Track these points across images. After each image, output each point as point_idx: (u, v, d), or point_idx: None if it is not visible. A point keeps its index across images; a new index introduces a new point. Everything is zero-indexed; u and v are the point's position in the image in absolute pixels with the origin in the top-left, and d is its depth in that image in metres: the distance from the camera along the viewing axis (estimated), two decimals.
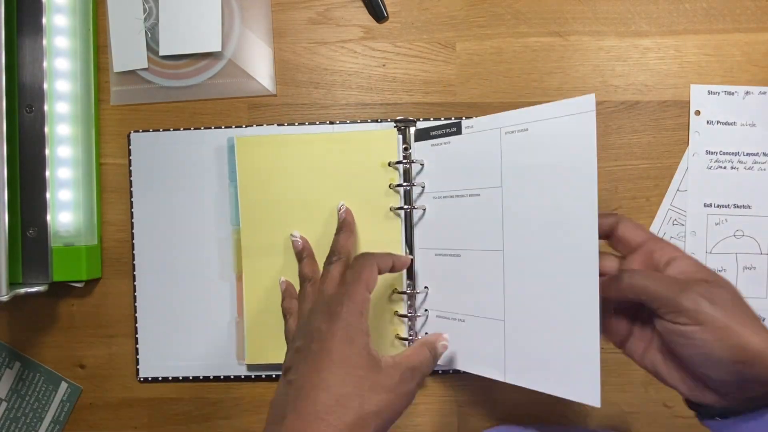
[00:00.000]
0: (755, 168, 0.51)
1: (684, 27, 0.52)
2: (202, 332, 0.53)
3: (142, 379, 0.53)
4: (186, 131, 0.53)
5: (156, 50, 0.53)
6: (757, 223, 0.51)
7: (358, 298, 0.39)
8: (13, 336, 0.54)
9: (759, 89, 0.51)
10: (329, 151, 0.50)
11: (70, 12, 0.51)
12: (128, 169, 0.54)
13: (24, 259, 0.49)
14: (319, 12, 0.53)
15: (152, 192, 0.53)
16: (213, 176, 0.53)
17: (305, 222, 0.51)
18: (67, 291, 0.53)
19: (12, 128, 0.48)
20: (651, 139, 0.52)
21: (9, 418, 0.54)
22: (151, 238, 0.53)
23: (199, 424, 0.53)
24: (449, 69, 0.53)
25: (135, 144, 0.54)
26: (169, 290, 0.53)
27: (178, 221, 0.53)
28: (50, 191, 0.49)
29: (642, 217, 0.52)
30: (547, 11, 0.52)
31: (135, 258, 0.53)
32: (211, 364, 0.53)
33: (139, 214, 0.53)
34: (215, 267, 0.53)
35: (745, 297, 0.35)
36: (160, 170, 0.53)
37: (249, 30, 0.53)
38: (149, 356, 0.53)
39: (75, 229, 0.51)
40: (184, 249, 0.53)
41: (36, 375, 0.54)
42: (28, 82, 0.48)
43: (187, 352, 0.53)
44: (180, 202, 0.53)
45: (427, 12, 0.53)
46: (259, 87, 0.53)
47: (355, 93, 0.53)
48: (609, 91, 0.52)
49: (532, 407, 0.51)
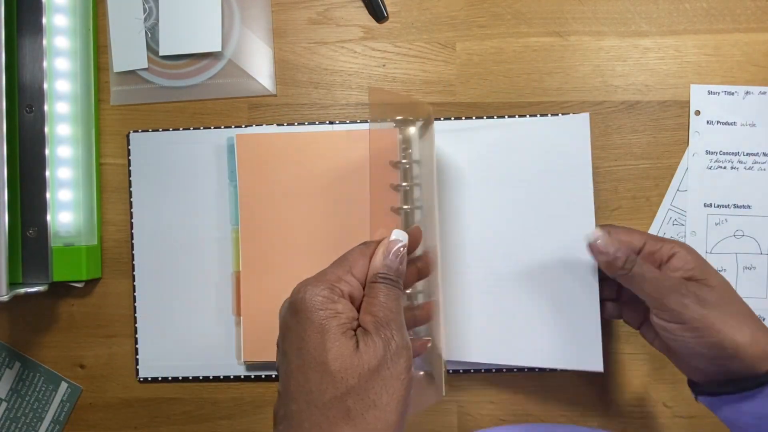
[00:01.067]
0: (755, 168, 0.51)
1: (684, 27, 0.52)
2: (201, 332, 0.53)
3: (141, 379, 0.53)
4: (186, 131, 0.53)
5: (156, 50, 0.53)
6: (757, 223, 0.51)
7: (328, 278, 0.34)
8: (13, 336, 0.54)
9: (759, 89, 0.51)
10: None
11: (70, 12, 0.51)
12: (128, 169, 0.54)
13: (24, 259, 0.49)
14: (319, 12, 0.53)
15: (152, 192, 0.53)
16: (213, 176, 0.53)
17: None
18: (67, 291, 0.53)
19: (12, 128, 0.48)
20: (651, 139, 0.52)
21: (9, 418, 0.54)
22: (150, 238, 0.53)
23: (199, 424, 0.53)
24: (449, 69, 0.53)
25: (134, 144, 0.54)
26: (169, 290, 0.53)
27: (177, 221, 0.53)
28: (50, 191, 0.49)
29: (642, 217, 0.52)
30: (547, 11, 0.52)
31: (134, 258, 0.53)
32: (211, 364, 0.53)
33: (139, 214, 0.53)
34: (215, 267, 0.53)
35: (738, 293, 0.38)
36: (159, 170, 0.53)
37: (249, 30, 0.53)
38: (149, 356, 0.53)
39: (75, 229, 0.51)
40: (184, 249, 0.53)
41: (36, 375, 0.54)
42: (28, 82, 0.48)
43: (186, 352, 0.53)
44: (180, 202, 0.53)
45: (427, 12, 0.53)
46: (259, 87, 0.53)
47: (355, 93, 0.53)
48: (609, 91, 0.52)
49: (532, 407, 0.51)
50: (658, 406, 0.52)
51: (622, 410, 0.51)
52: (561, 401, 0.52)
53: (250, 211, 0.51)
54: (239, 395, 0.53)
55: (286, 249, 0.51)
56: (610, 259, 0.38)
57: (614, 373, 0.51)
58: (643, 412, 0.51)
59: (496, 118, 0.52)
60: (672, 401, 0.51)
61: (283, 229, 0.51)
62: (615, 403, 0.51)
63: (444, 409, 0.52)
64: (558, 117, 0.51)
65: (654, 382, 0.51)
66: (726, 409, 0.37)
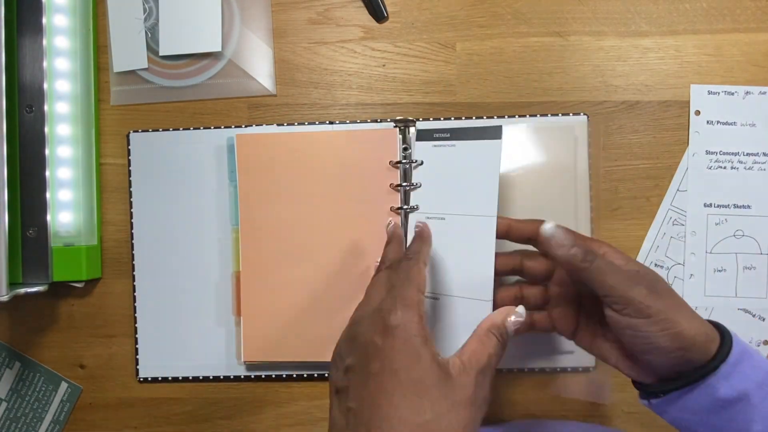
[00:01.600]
0: (755, 168, 0.51)
1: (684, 27, 0.52)
2: (201, 332, 0.53)
3: (141, 380, 0.53)
4: (186, 131, 0.53)
5: (156, 50, 0.53)
6: (757, 223, 0.51)
7: (412, 300, 0.34)
8: (13, 336, 0.54)
9: (759, 89, 0.51)
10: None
11: (70, 12, 0.51)
12: (128, 169, 0.54)
13: (24, 259, 0.49)
14: (319, 12, 0.53)
15: (152, 192, 0.53)
16: (213, 176, 0.53)
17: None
18: (67, 291, 0.53)
19: (12, 128, 0.48)
20: (651, 139, 0.52)
21: (9, 418, 0.54)
22: (150, 238, 0.53)
23: (199, 424, 0.53)
24: (449, 69, 0.53)
25: (134, 144, 0.54)
26: (169, 290, 0.53)
27: (177, 221, 0.53)
28: (50, 191, 0.49)
29: (642, 217, 0.51)
30: (547, 11, 0.52)
31: (134, 258, 0.53)
32: (211, 364, 0.53)
33: (139, 214, 0.53)
34: (215, 267, 0.53)
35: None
36: (159, 170, 0.53)
37: (249, 30, 0.53)
38: (149, 356, 0.53)
39: (75, 229, 0.51)
40: (184, 249, 0.53)
41: (36, 375, 0.54)
42: (28, 82, 0.48)
43: (186, 352, 0.53)
44: (180, 202, 0.53)
45: (427, 12, 0.53)
46: (259, 87, 0.53)
47: (355, 93, 0.53)
48: (609, 91, 0.52)
49: (531, 407, 0.51)
50: None
51: (622, 410, 0.51)
52: (561, 401, 0.51)
53: (249, 210, 0.51)
54: (239, 395, 0.53)
55: (286, 249, 0.51)
56: (569, 251, 0.37)
57: (614, 372, 0.51)
58: (643, 412, 0.51)
59: (495, 118, 0.52)
60: None
61: (283, 229, 0.51)
62: (615, 403, 0.51)
63: None
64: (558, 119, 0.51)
65: None
66: (671, 409, 0.37)
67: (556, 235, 0.38)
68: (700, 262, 0.51)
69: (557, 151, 0.50)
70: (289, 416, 0.53)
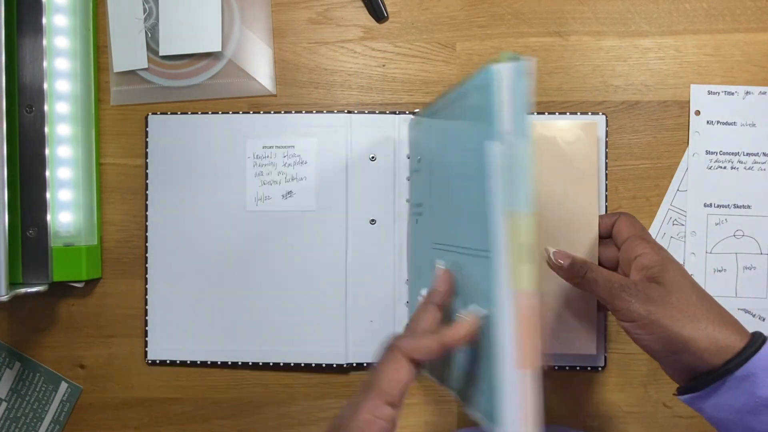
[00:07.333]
0: (755, 168, 0.51)
1: (684, 27, 0.52)
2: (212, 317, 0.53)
3: (150, 362, 0.53)
4: (204, 115, 0.53)
5: (156, 50, 0.53)
6: (757, 223, 0.51)
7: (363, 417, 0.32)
8: (13, 336, 0.54)
9: (759, 89, 0.51)
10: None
11: (70, 12, 0.51)
12: (145, 151, 0.53)
13: (24, 259, 0.49)
14: (319, 12, 0.53)
15: (169, 178, 0.53)
16: (231, 162, 0.52)
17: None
18: (67, 291, 0.53)
19: (12, 128, 0.48)
20: (651, 139, 0.52)
21: (9, 418, 0.54)
22: (164, 228, 0.53)
23: (199, 424, 0.53)
24: (449, 69, 0.53)
25: (152, 127, 0.53)
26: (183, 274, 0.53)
27: (194, 208, 0.53)
28: (50, 191, 0.49)
29: (642, 217, 0.51)
30: (547, 11, 0.52)
31: (148, 240, 0.53)
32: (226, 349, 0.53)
33: (154, 200, 0.53)
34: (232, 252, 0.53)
35: (705, 290, 0.38)
36: (177, 155, 0.53)
37: (249, 30, 0.53)
38: (158, 339, 0.53)
39: (75, 229, 0.51)
40: (199, 234, 0.53)
41: (36, 375, 0.54)
42: (28, 82, 0.48)
43: (198, 335, 0.53)
44: (197, 188, 0.53)
45: (427, 12, 0.53)
46: (259, 87, 0.53)
47: (355, 93, 0.53)
48: (609, 91, 0.52)
49: None
50: (658, 406, 0.52)
51: (622, 410, 0.52)
52: (561, 401, 0.52)
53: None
54: (239, 395, 0.53)
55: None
56: (564, 269, 0.41)
57: (614, 372, 0.51)
58: (643, 412, 0.51)
59: None
60: (672, 401, 0.51)
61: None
62: (615, 403, 0.52)
63: (444, 409, 0.52)
64: None
65: (654, 382, 0.51)
66: (707, 406, 0.37)
67: (551, 256, 0.42)
68: (700, 262, 0.51)
69: (578, 149, 0.49)
70: (289, 416, 0.53)
